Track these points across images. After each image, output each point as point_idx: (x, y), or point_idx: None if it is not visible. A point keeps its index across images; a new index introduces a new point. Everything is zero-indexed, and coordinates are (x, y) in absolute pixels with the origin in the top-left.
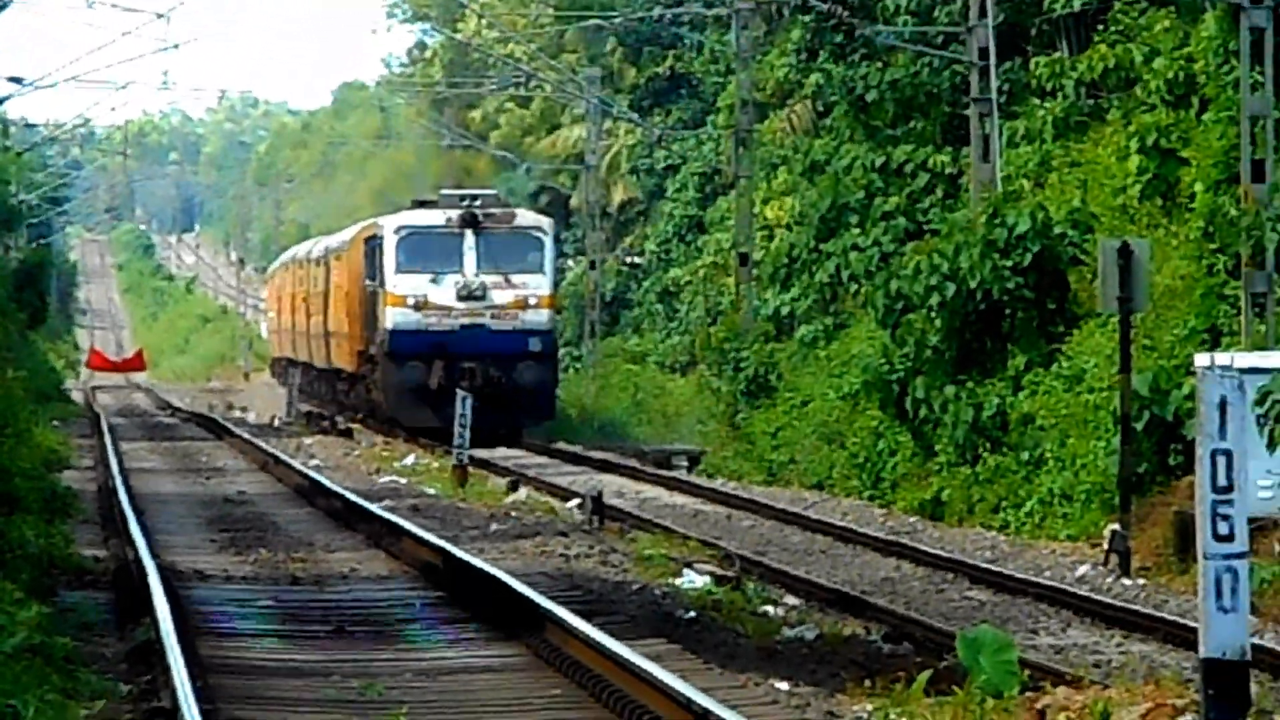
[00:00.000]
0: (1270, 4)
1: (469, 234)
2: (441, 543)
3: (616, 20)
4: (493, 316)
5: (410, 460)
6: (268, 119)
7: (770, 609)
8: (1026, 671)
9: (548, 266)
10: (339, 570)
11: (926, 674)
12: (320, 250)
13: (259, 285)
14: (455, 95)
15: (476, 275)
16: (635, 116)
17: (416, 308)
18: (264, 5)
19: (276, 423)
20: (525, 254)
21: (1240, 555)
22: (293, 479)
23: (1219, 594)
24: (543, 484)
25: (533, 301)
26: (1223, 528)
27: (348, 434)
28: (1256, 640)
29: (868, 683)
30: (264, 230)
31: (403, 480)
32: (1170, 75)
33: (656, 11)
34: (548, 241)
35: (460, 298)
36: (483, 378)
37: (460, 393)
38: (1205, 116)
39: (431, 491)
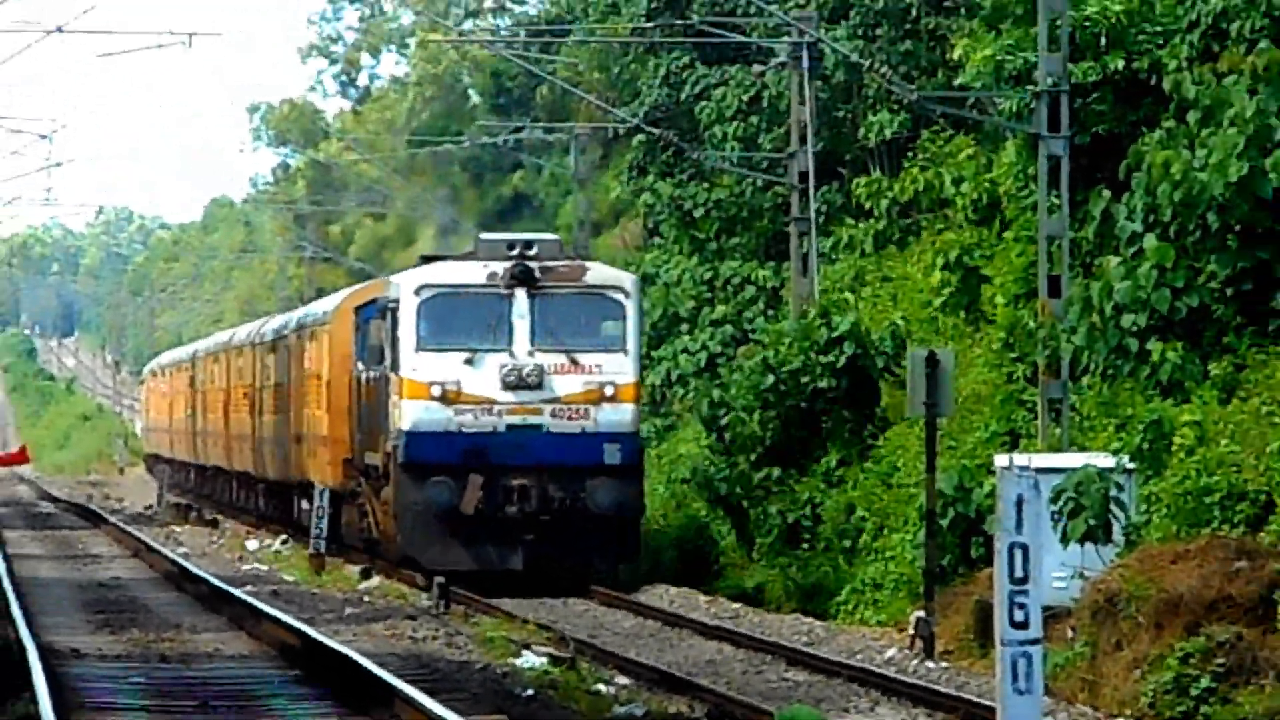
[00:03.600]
0: (1066, 134)
1: (520, 295)
2: (299, 625)
3: (463, 143)
4: (554, 414)
5: (271, 548)
6: (142, 232)
7: (602, 688)
8: None
9: (631, 342)
10: (205, 650)
11: None
12: (276, 330)
13: (134, 386)
14: (316, 211)
15: (531, 354)
16: (479, 234)
17: (445, 400)
18: (140, 126)
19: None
20: (600, 324)
21: (1035, 641)
22: (163, 565)
23: (1015, 677)
24: (394, 571)
25: (610, 392)
26: (1019, 615)
27: (214, 524)
28: None
29: None
30: (138, 336)
31: (264, 567)
32: (975, 198)
33: (500, 138)
34: (631, 307)
35: (507, 386)
36: (538, 501)
37: (318, 485)
38: (1006, 235)
39: (290, 578)
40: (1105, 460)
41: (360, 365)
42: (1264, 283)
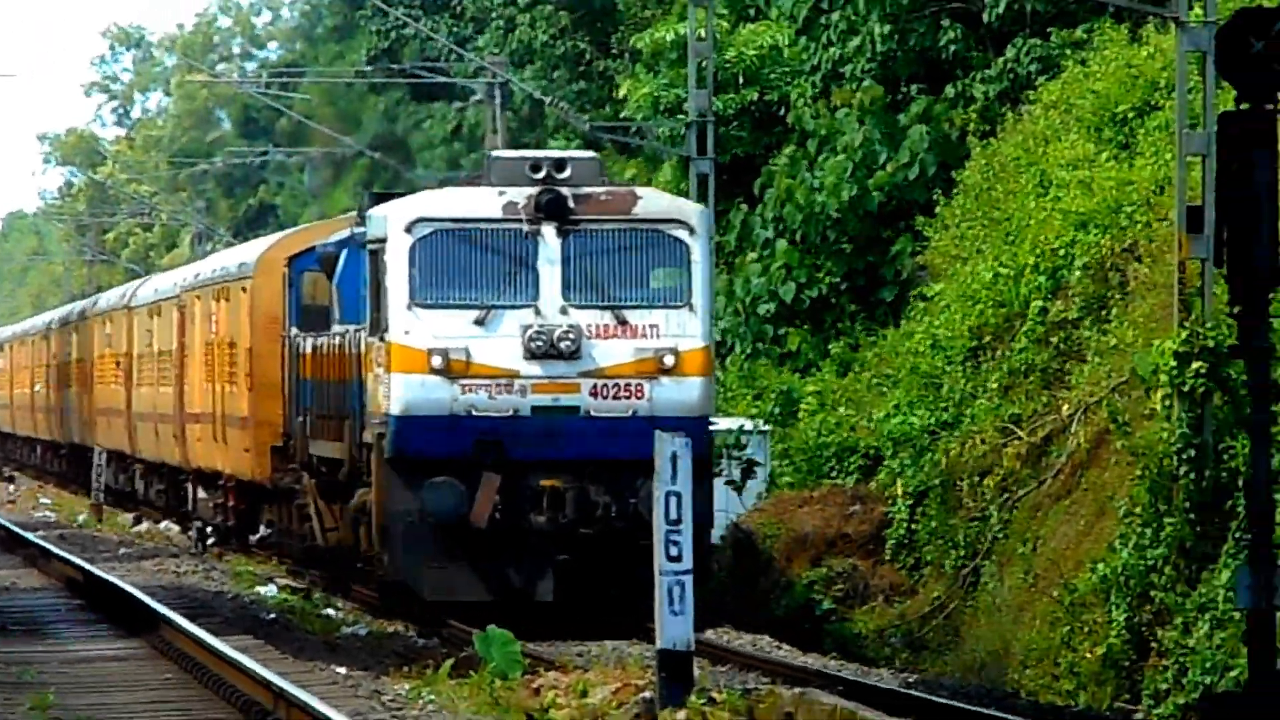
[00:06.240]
0: (711, 156)
1: (549, 233)
2: (82, 562)
3: (217, 164)
4: (595, 392)
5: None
6: None
7: (331, 612)
8: (527, 660)
9: (699, 295)
10: (1, 584)
11: (450, 661)
12: (160, 290)
13: None
14: (95, 221)
15: (564, 311)
16: (231, 239)
17: (448, 374)
18: None
19: None
20: (654, 270)
21: (687, 572)
22: None
23: (671, 601)
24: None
25: (670, 362)
26: (674, 551)
27: (11, 480)
28: (699, 636)
29: (406, 668)
30: None
31: (53, 514)
32: None
33: (248, 159)
34: (698, 248)
35: (533, 354)
36: (576, 508)
37: (98, 448)
38: None
39: (76, 523)
40: (743, 423)
41: (296, 330)
42: (873, 281)
